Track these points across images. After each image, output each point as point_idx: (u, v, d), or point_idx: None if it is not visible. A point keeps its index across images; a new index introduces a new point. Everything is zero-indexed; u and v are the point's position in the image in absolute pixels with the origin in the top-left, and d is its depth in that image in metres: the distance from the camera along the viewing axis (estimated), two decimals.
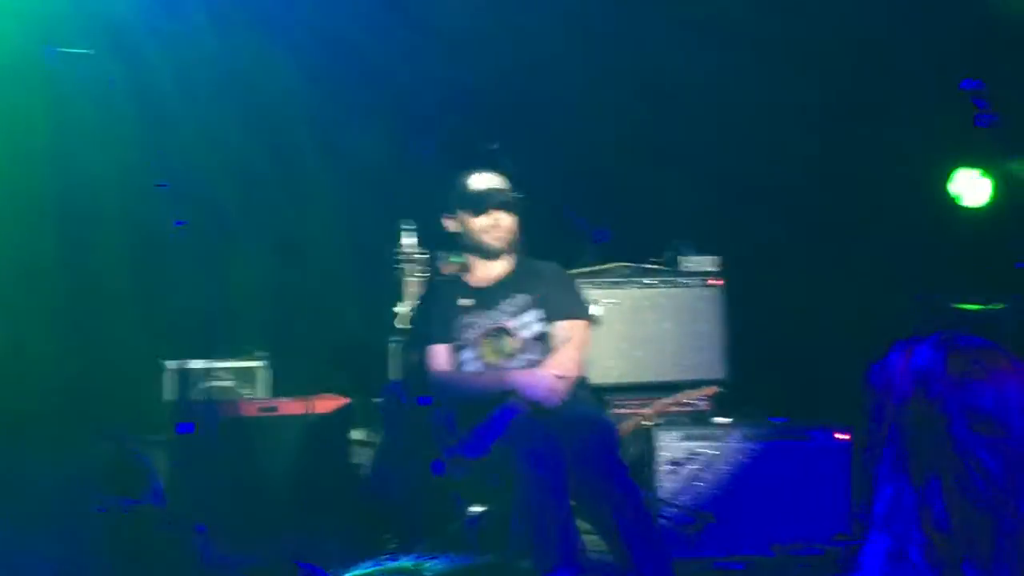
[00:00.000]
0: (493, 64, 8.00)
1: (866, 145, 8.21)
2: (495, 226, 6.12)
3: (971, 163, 7.81)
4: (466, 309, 6.14)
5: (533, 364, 6.02)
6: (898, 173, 8.16)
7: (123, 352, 8.04)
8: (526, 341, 6.07)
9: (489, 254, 6.17)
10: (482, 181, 6.17)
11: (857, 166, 8.20)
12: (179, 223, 5.41)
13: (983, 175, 7.80)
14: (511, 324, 6.10)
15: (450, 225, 6.24)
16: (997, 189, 7.78)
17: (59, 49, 5.29)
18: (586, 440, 5.67)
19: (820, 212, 8.19)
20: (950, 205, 7.94)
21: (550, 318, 6.08)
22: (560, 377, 5.92)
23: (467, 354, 6.09)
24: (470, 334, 6.11)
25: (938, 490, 2.48)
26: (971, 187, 7.83)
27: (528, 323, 6.10)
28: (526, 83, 8.09)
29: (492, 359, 6.07)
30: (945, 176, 7.93)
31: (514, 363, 6.04)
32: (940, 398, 2.49)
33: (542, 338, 6.08)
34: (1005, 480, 2.39)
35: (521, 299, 6.12)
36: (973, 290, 7.41)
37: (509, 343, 6.08)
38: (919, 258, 7.93)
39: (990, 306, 7.25)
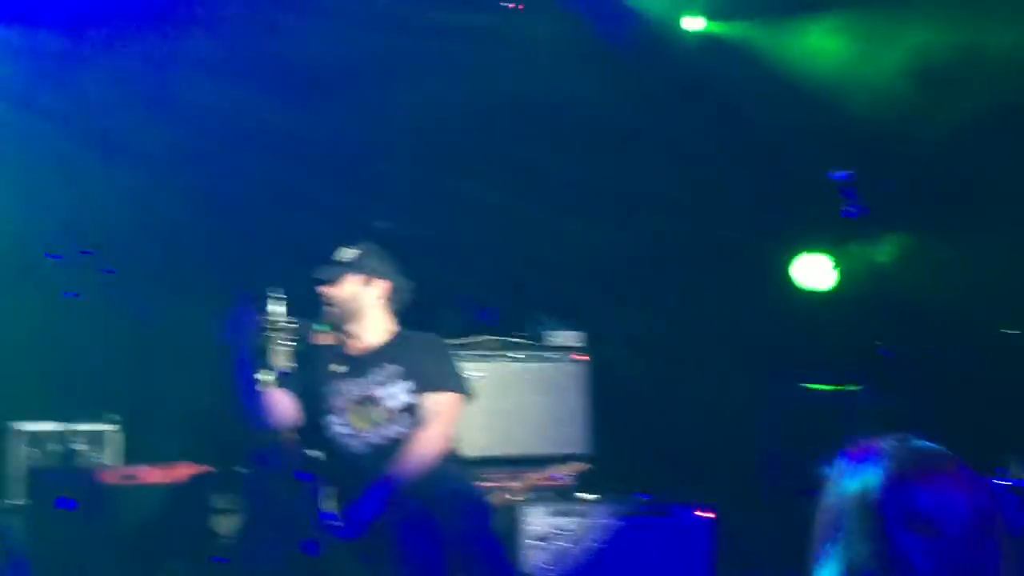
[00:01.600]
0: (368, 133, 8.04)
1: (723, 227, 8.37)
2: (324, 299, 6.15)
3: (817, 248, 8.04)
4: (338, 376, 6.13)
5: (400, 435, 6.01)
6: (753, 255, 8.33)
7: None
8: (393, 411, 6.06)
9: (328, 325, 6.19)
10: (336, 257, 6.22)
11: (715, 247, 8.35)
12: (69, 295, 5.27)
13: (830, 260, 8.03)
14: (379, 393, 6.09)
15: None
16: (842, 274, 8.00)
17: None
18: (461, 516, 5.69)
19: (683, 290, 8.32)
20: (800, 289, 8.16)
21: (420, 389, 6.08)
22: (427, 452, 5.92)
23: (336, 419, 6.07)
24: (340, 401, 6.09)
25: None
26: (815, 272, 8.05)
27: (395, 393, 6.09)
28: (398, 151, 8.12)
29: (361, 426, 6.05)
30: (791, 260, 8.15)
31: (381, 432, 6.03)
32: (879, 498, 2.55)
33: (410, 409, 6.07)
34: None
35: (392, 369, 6.12)
36: (829, 371, 7.59)
37: (376, 412, 6.07)
38: (777, 339, 8.10)
39: (844, 387, 7.42)
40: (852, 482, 2.61)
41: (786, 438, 7.59)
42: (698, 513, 6.84)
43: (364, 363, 6.14)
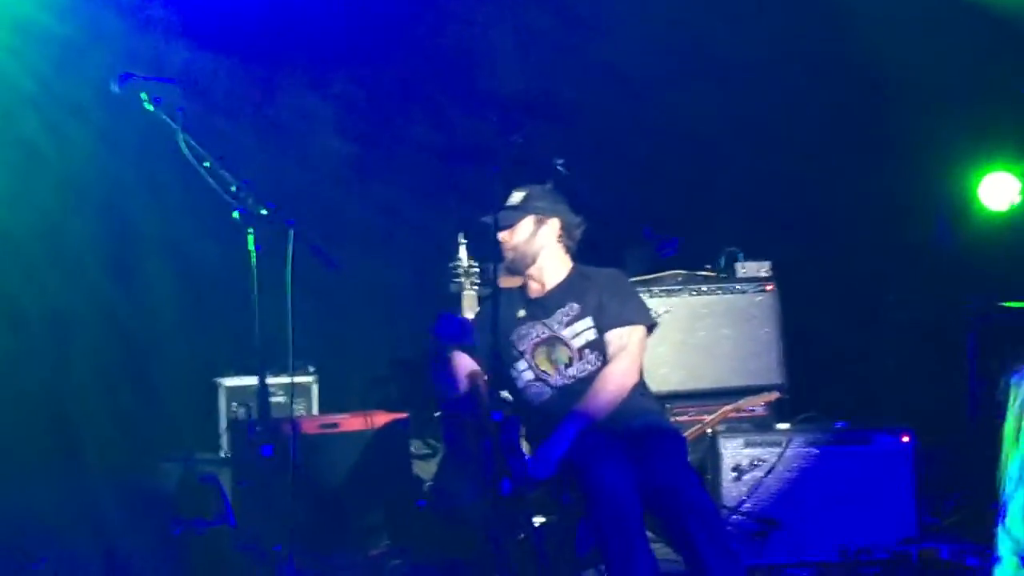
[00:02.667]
0: (551, 78, 8.03)
1: (908, 151, 8.20)
2: (503, 246, 6.14)
3: (1003, 167, 7.81)
4: (521, 320, 6.15)
5: (587, 373, 6.00)
6: (942, 178, 8.15)
7: (176, 372, 8.05)
8: (580, 350, 6.06)
9: (508, 271, 6.20)
10: (511, 200, 6.20)
11: (902, 171, 8.18)
12: (258, 247, 5.38)
13: (1017, 178, 7.77)
14: (564, 333, 6.08)
15: None
16: None
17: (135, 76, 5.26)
18: (655, 450, 5.66)
19: (871, 213, 8.17)
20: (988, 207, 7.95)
21: (604, 326, 6.06)
22: (616, 387, 5.92)
23: (521, 364, 6.09)
24: (525, 344, 6.11)
25: None
26: (1002, 190, 7.80)
27: (579, 331, 6.08)
28: (579, 95, 8.11)
29: (546, 368, 6.06)
30: (977, 181, 7.93)
31: (568, 372, 6.03)
32: None
33: (595, 346, 6.06)
34: None
35: (575, 307, 6.11)
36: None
37: (563, 352, 6.07)
38: (970, 259, 7.91)
39: None
40: None
41: (985, 357, 7.42)
42: (899, 438, 6.72)
43: (546, 304, 6.15)
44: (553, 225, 6.17)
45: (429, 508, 6.81)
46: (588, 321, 6.07)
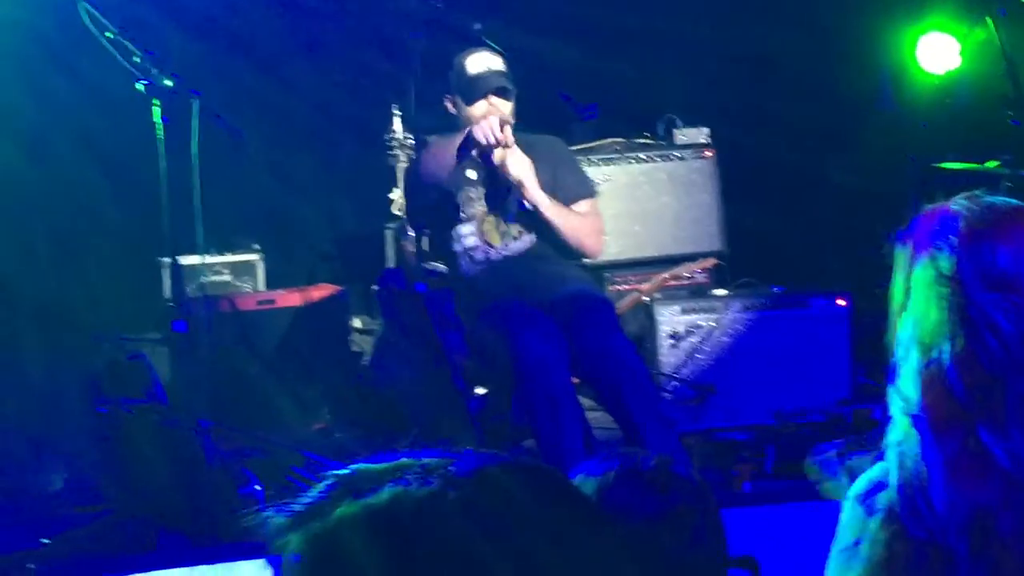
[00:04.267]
0: None
1: (847, 10, 8.09)
2: (499, 118, 5.85)
3: (941, 27, 7.70)
4: (471, 181, 6.01)
5: (520, 253, 5.95)
6: (881, 39, 8.06)
7: (119, 252, 7.97)
8: (527, 225, 5.99)
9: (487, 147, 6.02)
10: (480, 64, 5.98)
11: (841, 33, 8.07)
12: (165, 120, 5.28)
13: (954, 38, 7.66)
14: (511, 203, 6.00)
15: (450, 107, 6.08)
16: (967, 52, 7.64)
17: None
18: (586, 318, 5.62)
19: (808, 79, 8.07)
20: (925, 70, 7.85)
21: (566, 199, 5.96)
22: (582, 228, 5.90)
23: (467, 228, 5.98)
24: (475, 208, 6.00)
25: (950, 354, 2.45)
26: (939, 52, 7.68)
27: (531, 206, 5.97)
28: None
29: (493, 239, 5.98)
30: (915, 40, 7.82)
31: (513, 247, 5.97)
32: (955, 256, 2.45)
33: (534, 222, 5.98)
34: (1019, 341, 2.35)
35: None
36: (968, 151, 7.34)
37: (513, 226, 5.98)
38: (906, 121, 7.85)
39: (984, 165, 7.19)
40: (924, 243, 2.52)
41: None
42: (836, 302, 6.72)
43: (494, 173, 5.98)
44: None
45: (367, 384, 6.80)
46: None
